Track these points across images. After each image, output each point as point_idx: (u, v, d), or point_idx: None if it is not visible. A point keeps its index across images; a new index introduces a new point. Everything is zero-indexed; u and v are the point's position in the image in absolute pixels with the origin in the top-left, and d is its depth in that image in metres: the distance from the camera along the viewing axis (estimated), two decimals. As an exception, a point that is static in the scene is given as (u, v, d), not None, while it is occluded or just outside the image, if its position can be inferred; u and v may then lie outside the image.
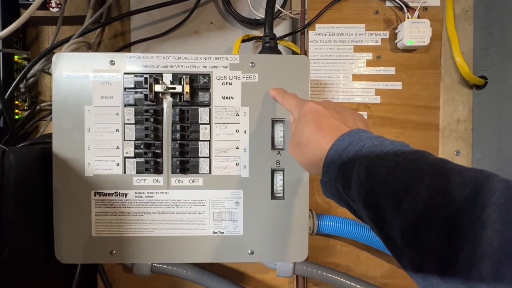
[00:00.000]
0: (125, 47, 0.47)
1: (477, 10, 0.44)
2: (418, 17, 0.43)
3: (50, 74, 0.46)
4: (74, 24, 0.47)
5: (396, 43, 0.44)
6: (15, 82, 0.38)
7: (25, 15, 0.36)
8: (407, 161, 0.20)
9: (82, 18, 0.46)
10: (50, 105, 0.47)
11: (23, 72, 0.38)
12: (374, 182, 0.20)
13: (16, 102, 0.44)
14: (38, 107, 0.46)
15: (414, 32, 0.41)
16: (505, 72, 0.40)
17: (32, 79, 0.42)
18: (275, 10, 0.45)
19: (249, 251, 0.37)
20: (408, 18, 0.42)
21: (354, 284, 0.41)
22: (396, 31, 0.44)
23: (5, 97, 0.37)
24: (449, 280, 0.16)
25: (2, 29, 0.39)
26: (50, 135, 0.42)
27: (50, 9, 0.45)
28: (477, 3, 0.44)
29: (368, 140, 0.22)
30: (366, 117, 0.45)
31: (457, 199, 0.16)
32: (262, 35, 0.42)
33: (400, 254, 0.20)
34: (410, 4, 0.43)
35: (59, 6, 0.44)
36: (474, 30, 0.45)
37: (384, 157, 0.21)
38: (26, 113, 0.45)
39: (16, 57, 0.44)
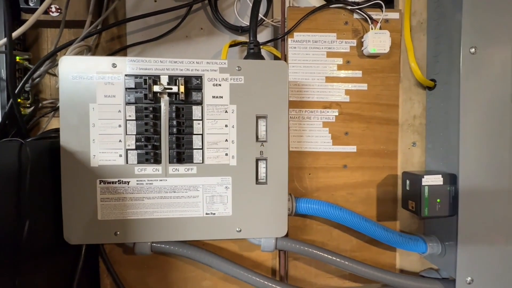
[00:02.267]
0: (122, 50, 0.52)
1: (429, 23, 0.52)
2: (380, 28, 0.50)
3: (53, 74, 0.49)
4: (73, 27, 0.51)
5: (362, 50, 0.51)
6: (23, 81, 0.42)
7: (31, 20, 0.40)
8: None
9: (80, 22, 0.50)
10: (51, 102, 0.50)
11: (30, 72, 0.42)
12: None
13: (19, 100, 0.48)
14: (40, 104, 0.49)
15: (377, 41, 0.48)
16: (450, 76, 0.48)
17: (37, 79, 0.46)
18: (259, 19, 0.51)
19: (237, 229, 0.43)
20: (372, 29, 0.50)
21: (327, 255, 0.48)
22: (362, 40, 0.51)
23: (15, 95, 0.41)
24: None
25: (4, 33, 0.42)
26: (54, 130, 0.46)
27: (50, 13, 0.48)
28: (429, 17, 0.52)
29: None
30: (337, 114, 0.52)
31: None
32: (247, 41, 0.48)
33: None
34: (374, 17, 0.50)
35: (59, 11, 0.48)
36: (427, 40, 0.53)
37: None
38: (28, 110, 0.48)
39: (18, 58, 0.47)
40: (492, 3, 0.44)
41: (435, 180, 0.45)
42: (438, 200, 0.45)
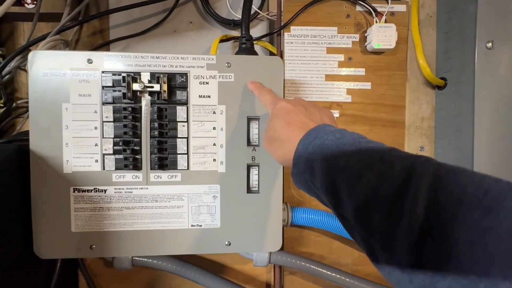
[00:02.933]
0: (104, 45, 0.48)
1: (439, 16, 0.48)
2: (386, 21, 0.45)
3: (26, 71, 0.45)
4: (51, 21, 0.47)
5: (366, 46, 0.47)
6: (-10, 79, 0.38)
7: (0, 11, 0.36)
8: (361, 151, 0.22)
9: (59, 15, 0.46)
10: (27, 102, 0.46)
11: (-3, 69, 0.38)
12: (334, 171, 0.23)
13: (-9, 99, 0.44)
14: (14, 104, 0.45)
15: (382, 35, 0.44)
16: (462, 75, 0.43)
17: (7, 76, 0.42)
18: (253, 12, 0.47)
19: (227, 243, 0.39)
20: (376, 22, 0.45)
21: (325, 271, 0.44)
22: (365, 34, 0.47)
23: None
24: (389, 251, 0.19)
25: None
26: (27, 133, 0.42)
27: (26, 5, 0.44)
28: (439, 10, 0.48)
29: (331, 134, 0.25)
30: (338, 115, 0.47)
31: (397, 183, 0.19)
32: (239, 35, 0.44)
33: (353, 232, 0.23)
34: (379, 9, 0.46)
35: (35, 2, 0.44)
36: (436, 35, 0.48)
37: (343, 149, 0.23)
38: (1, 110, 0.45)
39: (-11, 53, 0.44)
40: (511, -7, 0.40)
41: (446, 189, 0.41)
42: (449, 212, 0.41)
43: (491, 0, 0.40)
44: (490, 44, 0.39)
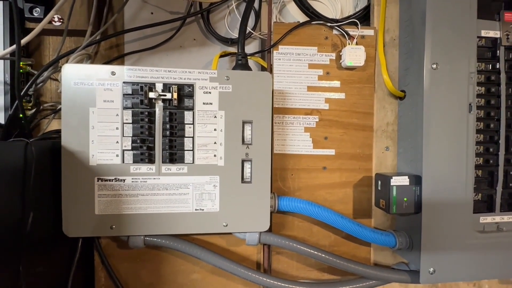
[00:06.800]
0: (119, 58, 0.55)
1: (401, 40, 0.58)
2: (357, 43, 0.55)
3: (54, 79, 0.53)
4: (74, 35, 0.55)
5: (341, 63, 0.56)
6: (27, 85, 0.45)
7: (37, 29, 0.44)
8: None
9: (80, 31, 0.53)
10: (52, 105, 0.54)
11: (34, 77, 0.46)
12: None
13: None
14: (41, 107, 0.52)
15: (353, 55, 0.54)
16: (417, 88, 0.53)
17: (40, 84, 0.49)
18: (248, 32, 0.56)
19: (224, 224, 0.48)
20: (349, 44, 0.55)
21: (307, 249, 0.52)
22: (340, 54, 0.56)
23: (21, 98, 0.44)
24: None
25: (10, 41, 0.46)
26: (55, 131, 0.50)
27: (53, 23, 0.52)
28: (401, 35, 0.58)
29: None
30: (318, 120, 0.57)
31: None
32: (236, 52, 0.53)
33: None
34: (351, 33, 0.56)
35: (61, 20, 0.52)
36: (399, 55, 0.58)
37: None
38: (30, 112, 0.52)
39: (21, 63, 0.51)
40: (451, 25, 0.50)
41: (402, 181, 0.50)
42: (405, 199, 0.50)
43: (437, 29, 0.50)
44: (435, 65, 0.49)
